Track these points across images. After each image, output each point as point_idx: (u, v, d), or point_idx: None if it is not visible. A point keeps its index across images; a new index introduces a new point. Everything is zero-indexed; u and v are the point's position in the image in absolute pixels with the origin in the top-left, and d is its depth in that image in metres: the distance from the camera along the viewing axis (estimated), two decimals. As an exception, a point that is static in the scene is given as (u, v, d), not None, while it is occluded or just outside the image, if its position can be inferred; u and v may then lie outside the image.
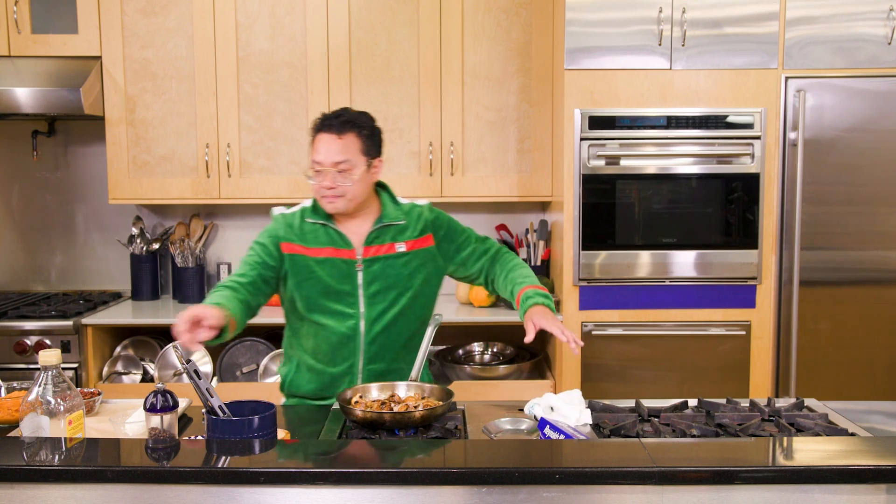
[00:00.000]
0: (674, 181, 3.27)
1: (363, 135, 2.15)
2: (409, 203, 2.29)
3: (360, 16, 3.54)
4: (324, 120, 2.15)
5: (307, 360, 2.24)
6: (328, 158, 2.10)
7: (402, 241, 2.21)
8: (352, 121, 2.13)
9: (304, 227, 2.20)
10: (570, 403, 1.94)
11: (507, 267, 2.32)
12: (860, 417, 1.99)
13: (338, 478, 1.52)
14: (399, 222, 2.21)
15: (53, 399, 1.67)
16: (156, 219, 4.00)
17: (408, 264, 2.20)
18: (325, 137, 2.12)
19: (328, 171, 2.11)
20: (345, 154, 2.11)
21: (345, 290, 2.17)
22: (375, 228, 2.19)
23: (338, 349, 2.19)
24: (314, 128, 2.17)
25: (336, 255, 2.17)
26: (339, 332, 2.18)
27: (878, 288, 3.32)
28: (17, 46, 3.52)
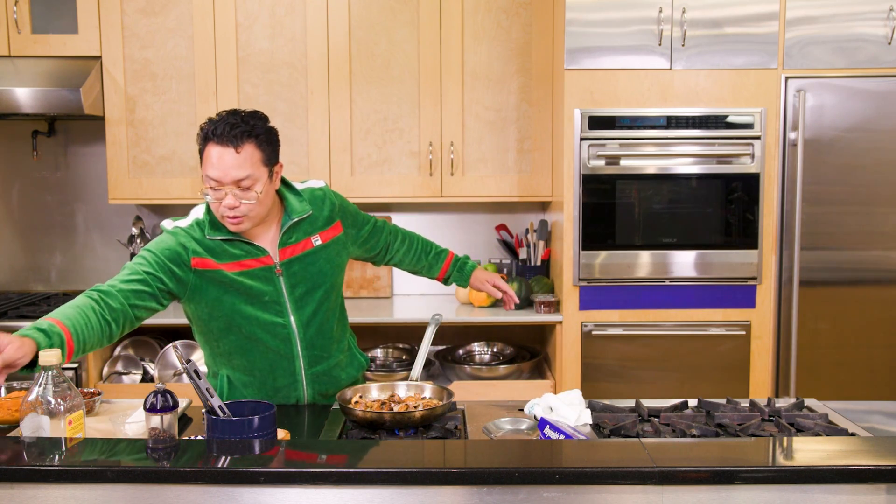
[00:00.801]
0: (674, 181, 3.27)
1: (261, 143, 1.94)
2: (306, 188, 2.13)
3: (360, 16, 3.54)
4: (214, 129, 1.90)
5: (240, 377, 2.12)
6: (227, 176, 1.89)
7: (316, 233, 2.09)
8: (248, 131, 1.91)
9: (208, 243, 2.01)
10: (569, 404, 1.94)
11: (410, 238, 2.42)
12: (860, 417, 1.99)
13: (338, 478, 1.52)
14: (306, 214, 2.07)
15: (53, 399, 1.67)
16: (156, 219, 4.00)
17: (326, 257, 2.10)
18: (220, 150, 1.89)
19: (228, 189, 1.90)
20: (245, 169, 1.89)
21: (270, 300, 2.03)
22: (286, 229, 2.05)
23: (276, 362, 2.09)
24: (202, 136, 1.93)
25: (253, 266, 2.01)
26: (273, 346, 2.07)
27: (878, 288, 3.32)
28: (17, 46, 3.52)
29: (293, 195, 2.08)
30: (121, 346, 3.58)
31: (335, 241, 2.13)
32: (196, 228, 2.02)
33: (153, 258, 1.97)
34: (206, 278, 2.01)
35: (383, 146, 3.58)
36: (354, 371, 2.29)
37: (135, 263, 1.97)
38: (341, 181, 3.59)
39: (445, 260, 2.46)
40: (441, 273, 2.46)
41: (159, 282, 1.97)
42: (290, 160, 3.60)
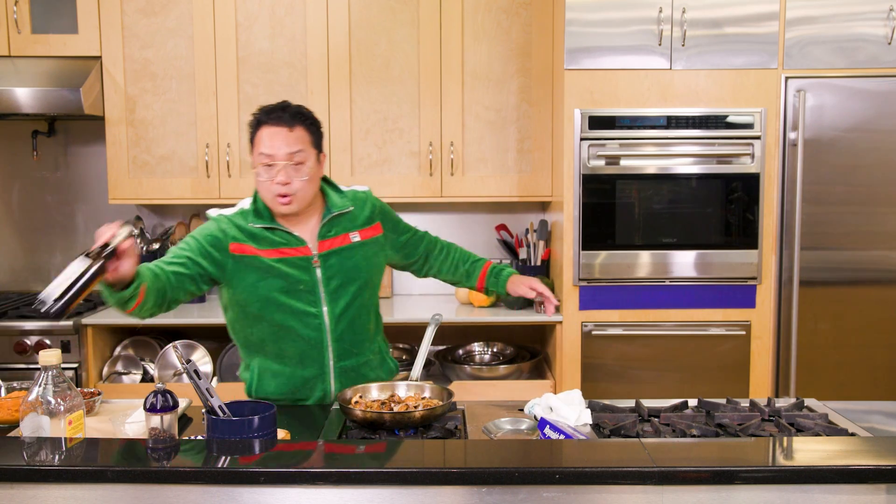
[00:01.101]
0: (674, 181, 3.27)
1: (309, 126, 2.07)
2: (349, 189, 2.22)
3: (360, 16, 3.54)
4: (269, 112, 2.04)
5: (271, 365, 2.15)
6: (281, 150, 2.00)
7: (355, 230, 2.15)
8: (300, 113, 2.06)
9: (251, 230, 2.09)
10: (569, 404, 1.94)
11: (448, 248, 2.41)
12: (860, 417, 1.99)
13: (338, 478, 1.52)
14: (346, 210, 2.15)
15: (53, 399, 1.67)
16: (156, 219, 4.00)
17: (364, 255, 2.15)
18: (274, 130, 2.02)
19: (281, 165, 2.00)
20: (299, 145, 2.02)
21: (305, 289, 2.09)
22: (326, 221, 2.12)
23: (306, 351, 2.12)
24: (254, 122, 2.06)
25: (292, 255, 2.08)
26: (304, 334, 2.10)
27: (878, 288, 3.32)
28: (17, 46, 3.52)
29: (335, 192, 2.18)
30: (121, 347, 3.58)
31: (373, 241, 2.19)
32: (239, 217, 2.12)
33: (195, 243, 2.09)
34: (244, 263, 2.08)
35: (383, 146, 3.58)
36: (384, 374, 2.27)
37: (178, 248, 2.08)
38: (341, 181, 3.56)
39: (482, 268, 2.38)
40: (479, 282, 2.38)
41: (199, 266, 2.07)
42: (290, 160, 3.60)
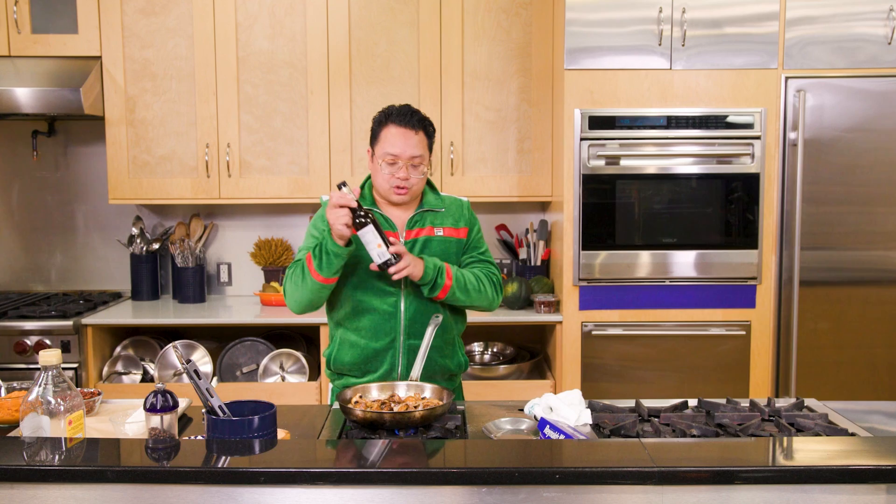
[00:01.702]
0: (674, 181, 3.27)
1: (429, 133, 2.30)
2: (449, 196, 2.41)
3: (360, 16, 3.54)
4: (399, 114, 2.25)
5: (350, 336, 2.32)
6: (406, 152, 2.22)
7: (441, 226, 2.33)
8: (423, 119, 2.28)
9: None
10: (569, 404, 1.94)
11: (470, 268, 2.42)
12: (860, 417, 1.99)
13: (338, 478, 1.52)
14: (438, 210, 2.34)
15: (53, 399, 1.67)
16: (156, 219, 4.00)
17: (443, 247, 2.32)
18: (403, 132, 2.23)
19: (402, 164, 2.23)
20: (420, 149, 2.24)
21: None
22: (417, 213, 2.32)
23: (380, 325, 2.28)
24: (382, 119, 2.27)
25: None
26: (381, 309, 2.28)
27: (878, 288, 3.32)
28: (17, 46, 3.52)
29: (433, 193, 2.38)
30: (121, 347, 3.58)
31: (456, 241, 2.36)
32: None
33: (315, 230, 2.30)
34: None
35: (383, 146, 3.58)
36: (452, 365, 2.36)
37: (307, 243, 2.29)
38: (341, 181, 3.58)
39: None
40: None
41: None
42: (290, 160, 3.60)
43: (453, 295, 2.25)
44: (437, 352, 2.30)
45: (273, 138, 3.59)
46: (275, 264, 3.89)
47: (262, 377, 3.42)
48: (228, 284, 4.00)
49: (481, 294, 2.31)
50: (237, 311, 3.63)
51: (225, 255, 4.00)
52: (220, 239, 3.99)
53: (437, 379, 2.30)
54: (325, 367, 2.44)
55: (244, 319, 3.47)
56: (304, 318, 3.42)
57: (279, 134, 3.59)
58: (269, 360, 3.43)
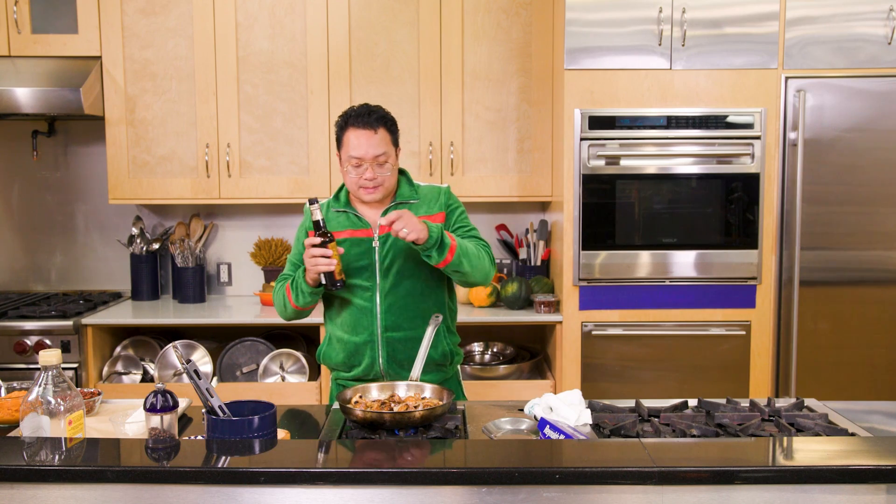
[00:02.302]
0: (674, 181, 3.27)
1: (391, 127, 2.31)
2: (427, 185, 2.42)
3: (360, 16, 3.54)
4: (356, 116, 2.28)
5: (336, 332, 2.39)
6: (369, 153, 2.25)
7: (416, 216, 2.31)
8: (382, 116, 2.29)
9: (329, 216, 2.37)
10: (569, 404, 1.94)
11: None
12: (860, 417, 1.99)
13: (338, 478, 1.52)
14: (412, 202, 2.35)
15: (53, 399, 1.67)
16: (156, 219, 4.00)
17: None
18: (362, 133, 2.26)
19: (368, 165, 2.25)
20: (381, 147, 2.26)
21: (363, 266, 2.31)
22: (390, 207, 2.33)
23: (358, 319, 2.33)
24: (342, 124, 2.30)
25: (354, 235, 2.33)
26: (357, 304, 2.33)
27: (878, 288, 3.32)
28: (17, 46, 3.52)
29: (407, 185, 2.39)
30: (121, 347, 3.58)
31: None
32: (324, 207, 2.38)
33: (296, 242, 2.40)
34: None
35: (383, 146, 3.58)
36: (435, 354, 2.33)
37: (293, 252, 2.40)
38: (341, 181, 3.58)
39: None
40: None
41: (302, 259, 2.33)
42: (290, 160, 3.60)
43: (458, 259, 2.19)
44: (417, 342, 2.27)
45: (273, 138, 3.59)
46: (275, 264, 3.89)
47: (262, 377, 3.42)
48: (228, 284, 4.00)
49: (481, 261, 2.27)
50: (237, 311, 3.63)
51: (225, 255, 4.00)
52: (220, 239, 3.99)
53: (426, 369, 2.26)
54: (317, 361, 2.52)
55: (244, 319, 3.47)
56: (304, 319, 3.42)
57: (279, 134, 3.59)
58: (269, 360, 3.43)
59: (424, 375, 2.28)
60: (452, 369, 2.45)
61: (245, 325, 3.50)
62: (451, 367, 2.44)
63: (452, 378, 2.45)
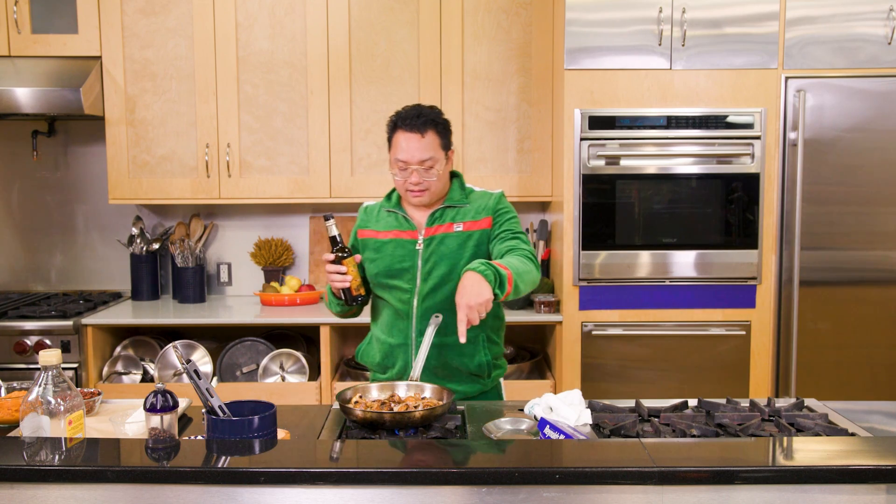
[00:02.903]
0: (674, 181, 3.27)
1: (440, 131, 2.27)
2: (479, 190, 2.39)
3: (360, 16, 3.54)
4: (404, 119, 2.25)
5: (376, 332, 2.39)
6: (415, 157, 2.22)
7: (461, 221, 2.31)
8: (431, 120, 2.25)
9: (379, 215, 2.38)
10: (569, 404, 1.94)
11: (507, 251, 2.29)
12: (860, 417, 1.99)
13: (338, 478, 1.52)
14: (460, 205, 2.32)
15: (53, 399, 1.67)
16: (156, 219, 4.00)
17: (462, 242, 2.28)
18: (408, 136, 2.23)
19: (414, 169, 2.23)
20: (428, 152, 2.23)
21: (405, 268, 2.29)
22: (437, 210, 2.31)
23: (395, 321, 2.32)
24: (392, 125, 2.28)
25: (400, 237, 2.31)
26: (395, 306, 2.31)
27: (878, 288, 3.32)
28: (17, 46, 3.52)
29: (459, 188, 2.37)
30: (121, 347, 3.58)
31: (479, 231, 2.31)
32: (377, 206, 2.41)
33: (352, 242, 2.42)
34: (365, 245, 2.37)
35: (383, 146, 3.58)
36: (471, 364, 2.29)
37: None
38: (341, 181, 3.59)
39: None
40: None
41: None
42: (290, 160, 3.60)
43: (516, 286, 2.07)
44: (453, 350, 2.27)
45: (273, 138, 3.59)
46: (275, 264, 3.89)
47: (262, 377, 3.42)
48: (228, 284, 4.00)
49: (531, 275, 2.16)
50: (237, 311, 3.63)
51: (225, 255, 3.99)
52: (220, 239, 3.99)
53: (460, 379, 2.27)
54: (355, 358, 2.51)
55: (244, 319, 3.47)
56: (304, 319, 3.42)
57: (279, 134, 3.59)
58: (269, 360, 3.43)
59: (458, 385, 2.28)
60: (492, 382, 2.36)
61: (245, 325, 3.50)
62: (489, 380, 2.35)
63: (492, 391, 2.37)
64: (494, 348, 2.35)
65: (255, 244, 3.93)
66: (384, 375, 2.35)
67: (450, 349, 2.26)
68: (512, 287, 2.05)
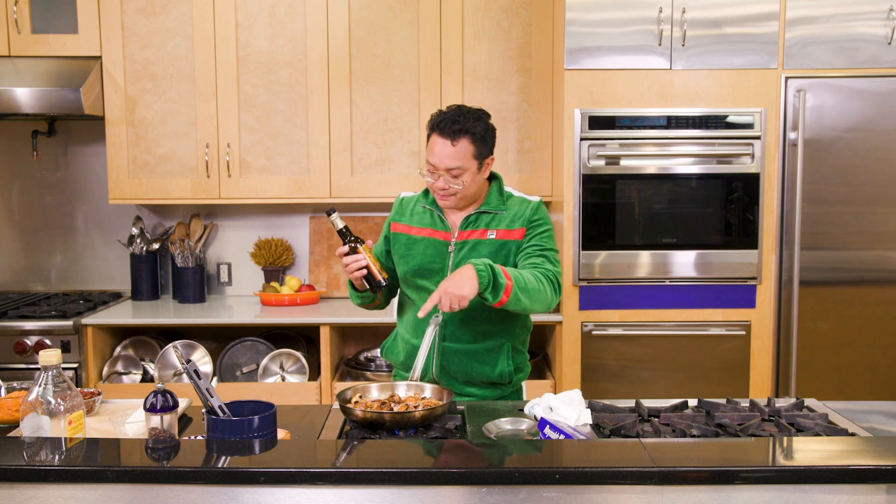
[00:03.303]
0: (674, 181, 3.27)
1: (476, 140, 2.20)
2: (518, 196, 2.33)
3: (360, 16, 3.54)
4: (440, 121, 2.22)
5: (402, 330, 2.38)
6: (441, 164, 2.19)
7: (494, 228, 2.26)
8: (466, 128, 2.19)
9: (415, 209, 2.34)
10: (569, 404, 1.94)
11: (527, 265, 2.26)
12: (860, 417, 1.99)
13: (338, 478, 1.52)
14: (497, 212, 2.28)
15: (53, 399, 1.67)
16: (156, 219, 4.00)
17: (494, 250, 2.25)
18: (440, 142, 2.20)
19: (441, 174, 2.20)
20: (457, 161, 2.18)
21: (435, 269, 2.27)
22: (473, 215, 2.27)
23: (420, 322, 2.27)
24: (430, 127, 2.25)
25: (433, 236, 2.29)
26: (419, 306, 2.23)
27: (878, 288, 3.32)
28: (17, 46, 3.52)
29: (497, 193, 2.32)
30: (121, 347, 3.58)
31: (511, 242, 2.27)
32: (414, 199, 2.39)
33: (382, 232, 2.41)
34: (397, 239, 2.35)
35: (383, 146, 3.58)
36: (491, 373, 2.27)
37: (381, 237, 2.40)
38: (341, 181, 3.59)
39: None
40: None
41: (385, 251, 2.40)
42: (289, 160, 3.60)
43: (516, 297, 2.05)
44: (473, 356, 2.26)
45: (273, 138, 3.59)
46: (275, 264, 3.89)
47: (262, 377, 3.42)
48: (228, 284, 4.00)
49: (541, 294, 2.13)
50: (237, 311, 3.63)
51: (225, 255, 3.99)
52: (220, 239, 3.99)
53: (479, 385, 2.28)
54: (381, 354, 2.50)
55: (244, 319, 3.47)
56: (304, 319, 3.42)
57: (279, 134, 3.59)
58: (269, 360, 3.43)
59: (478, 390, 2.29)
60: (511, 388, 2.35)
61: (245, 325, 3.50)
62: (508, 386, 2.34)
63: (511, 395, 2.36)
64: (518, 357, 2.35)
65: (255, 244, 3.93)
66: (407, 374, 2.27)
67: (472, 356, 2.25)
68: (510, 298, 2.04)
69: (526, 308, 2.13)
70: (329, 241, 3.92)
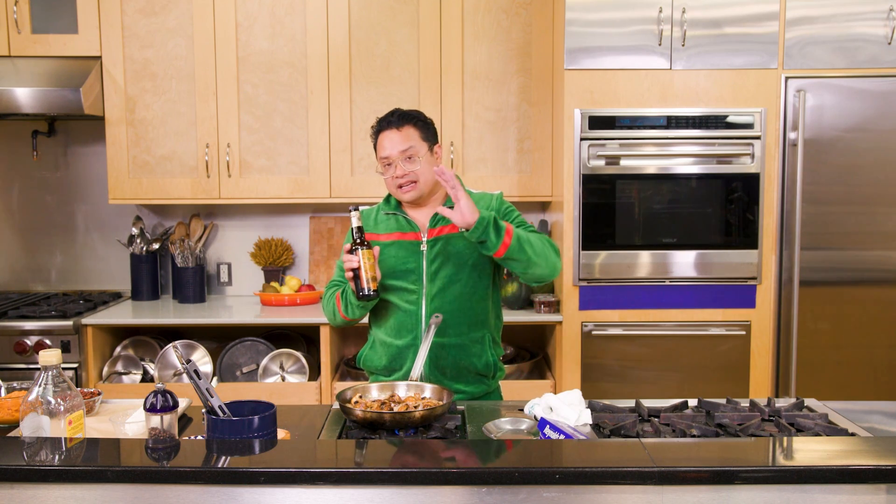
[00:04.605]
0: (674, 181, 3.27)
1: (419, 125, 2.31)
2: (478, 192, 2.39)
3: (360, 16, 3.54)
4: (381, 121, 2.32)
5: (380, 335, 2.38)
6: (394, 150, 2.26)
7: None
8: (407, 115, 2.31)
9: (378, 218, 2.38)
10: (569, 404, 1.94)
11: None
12: (860, 417, 1.99)
13: (338, 478, 1.52)
14: None
15: (53, 399, 1.67)
16: (156, 219, 4.00)
17: (468, 243, 2.27)
18: (387, 134, 2.29)
19: (396, 162, 2.26)
20: (407, 142, 2.27)
21: (409, 268, 2.30)
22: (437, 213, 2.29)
23: (403, 322, 2.31)
24: (374, 132, 2.34)
25: (402, 238, 2.33)
26: (403, 308, 2.32)
27: (878, 288, 3.32)
28: (17, 46, 3.52)
29: None
30: (121, 347, 3.58)
31: None
32: (374, 210, 2.43)
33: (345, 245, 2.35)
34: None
35: (383, 146, 3.58)
36: (479, 364, 2.33)
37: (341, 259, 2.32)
38: (341, 181, 3.59)
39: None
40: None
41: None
42: (289, 160, 3.60)
43: (518, 244, 2.11)
44: (461, 350, 2.30)
45: (273, 138, 3.59)
46: (275, 264, 3.89)
47: (262, 377, 3.42)
48: (228, 284, 4.00)
49: (545, 249, 2.19)
50: (237, 311, 3.63)
51: (225, 255, 3.99)
52: (220, 239, 3.99)
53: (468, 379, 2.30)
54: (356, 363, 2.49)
55: (244, 319, 3.47)
56: (304, 318, 3.42)
57: (279, 134, 3.59)
58: (269, 360, 3.43)
59: (465, 385, 2.30)
60: (495, 383, 2.41)
61: (245, 325, 3.50)
62: (493, 381, 2.39)
63: (495, 392, 2.42)
64: (497, 349, 2.40)
65: (255, 244, 3.93)
66: (389, 378, 2.32)
67: (460, 349, 2.29)
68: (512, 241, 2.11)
69: (530, 261, 2.16)
70: (329, 242, 3.92)
